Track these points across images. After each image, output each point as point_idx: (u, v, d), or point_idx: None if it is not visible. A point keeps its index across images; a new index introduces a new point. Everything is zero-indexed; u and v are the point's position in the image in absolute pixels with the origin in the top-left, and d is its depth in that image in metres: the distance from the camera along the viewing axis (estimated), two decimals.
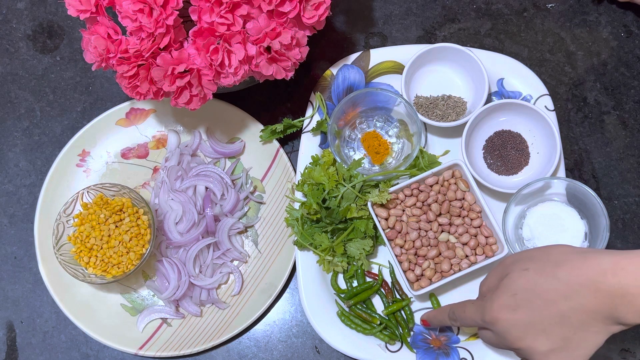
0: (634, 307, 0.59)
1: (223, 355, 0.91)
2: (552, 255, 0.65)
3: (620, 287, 0.59)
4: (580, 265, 0.62)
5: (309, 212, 0.85)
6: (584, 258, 0.62)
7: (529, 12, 1.01)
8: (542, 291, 0.63)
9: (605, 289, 0.60)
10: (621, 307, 0.59)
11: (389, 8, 1.02)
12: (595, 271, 0.61)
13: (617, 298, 0.59)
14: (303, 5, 0.78)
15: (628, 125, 0.96)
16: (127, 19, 0.76)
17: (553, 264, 0.64)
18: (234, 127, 0.95)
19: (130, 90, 0.79)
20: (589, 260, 0.62)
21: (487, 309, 0.66)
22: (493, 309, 0.66)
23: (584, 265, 0.62)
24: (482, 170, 0.91)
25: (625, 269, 0.59)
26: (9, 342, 0.92)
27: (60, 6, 1.04)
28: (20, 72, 1.02)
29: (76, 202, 0.90)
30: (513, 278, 0.66)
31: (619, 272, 0.59)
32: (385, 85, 0.95)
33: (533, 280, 0.64)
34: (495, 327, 0.66)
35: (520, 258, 0.68)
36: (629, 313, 0.59)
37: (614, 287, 0.59)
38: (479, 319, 0.69)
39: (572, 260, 0.63)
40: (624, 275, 0.59)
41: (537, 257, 0.67)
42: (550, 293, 0.63)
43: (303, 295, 0.87)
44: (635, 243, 0.92)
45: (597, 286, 0.60)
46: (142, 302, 0.92)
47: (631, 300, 0.59)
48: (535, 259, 0.66)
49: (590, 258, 0.62)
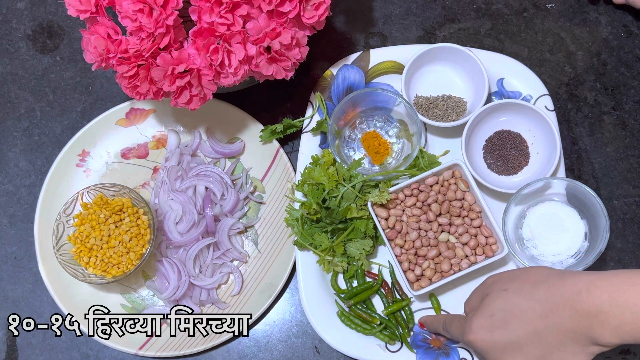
0: (609, 326, 0.59)
1: (223, 355, 0.91)
2: (531, 276, 0.67)
3: (595, 306, 0.59)
4: (557, 285, 0.63)
5: (309, 212, 0.85)
6: (562, 278, 0.64)
7: (529, 12, 1.01)
8: (519, 311, 0.64)
9: (580, 308, 0.60)
10: (596, 326, 0.60)
11: (389, 8, 1.02)
12: (571, 291, 0.61)
13: (592, 317, 0.60)
14: (303, 5, 0.78)
15: (628, 125, 0.96)
16: (127, 19, 0.76)
17: (531, 285, 0.65)
18: (234, 127, 0.95)
19: (130, 90, 0.79)
20: (566, 280, 0.63)
21: (466, 330, 0.68)
22: (472, 329, 0.67)
23: (560, 285, 0.63)
24: (482, 170, 0.91)
25: (599, 287, 0.60)
26: (9, 342, 0.92)
27: (60, 6, 1.04)
28: (20, 72, 1.02)
29: (76, 202, 0.90)
30: (492, 298, 0.67)
31: (594, 291, 0.60)
32: (385, 85, 0.95)
33: (510, 300, 0.65)
34: (473, 348, 0.68)
35: (500, 278, 0.70)
36: (605, 332, 0.59)
37: (589, 306, 0.60)
38: (460, 337, 0.71)
39: (549, 281, 0.64)
40: (599, 295, 0.59)
41: (515, 278, 0.68)
42: (527, 313, 0.64)
43: (303, 295, 0.87)
44: (635, 243, 0.92)
45: (573, 305, 0.61)
46: (142, 302, 0.92)
47: (605, 319, 0.59)
48: (514, 279, 0.68)
49: (567, 278, 0.63)
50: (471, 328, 0.67)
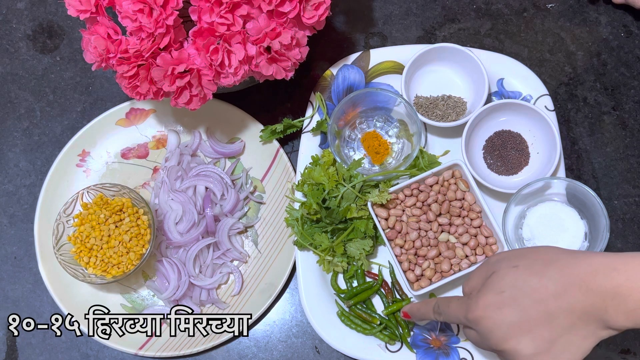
0: (625, 309, 0.57)
1: (223, 355, 0.91)
2: (542, 254, 0.63)
3: (612, 287, 0.58)
4: (571, 265, 0.60)
5: (309, 212, 0.85)
6: (575, 257, 0.61)
7: (529, 12, 1.01)
8: (531, 289, 0.60)
9: (596, 289, 0.58)
10: (611, 309, 0.58)
11: (389, 8, 1.02)
12: (587, 271, 0.59)
13: (608, 299, 0.58)
14: (303, 5, 0.78)
15: (628, 125, 0.96)
16: (127, 19, 0.76)
17: (543, 263, 0.62)
18: (234, 127, 0.95)
19: (130, 90, 0.79)
20: (580, 259, 0.60)
21: (471, 307, 0.63)
22: (478, 306, 0.62)
23: (575, 264, 0.60)
24: (482, 170, 0.91)
25: (617, 269, 0.58)
26: (9, 342, 0.92)
27: (60, 6, 1.04)
28: (20, 72, 1.02)
29: (76, 202, 0.90)
30: (500, 275, 0.63)
31: (611, 273, 0.58)
32: (385, 85, 0.95)
33: (522, 277, 0.61)
34: (478, 327, 0.63)
35: (507, 256, 0.66)
36: (619, 315, 0.58)
37: (605, 287, 0.58)
38: (462, 317, 0.65)
39: (563, 260, 0.61)
40: (616, 276, 0.58)
41: (525, 255, 0.64)
42: (540, 291, 0.60)
43: (303, 295, 0.87)
44: (635, 243, 0.92)
45: (588, 285, 0.58)
46: (142, 302, 0.92)
47: (622, 301, 0.57)
48: (525, 256, 0.64)
49: (581, 258, 0.61)
50: (477, 304, 0.62)
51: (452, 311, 0.67)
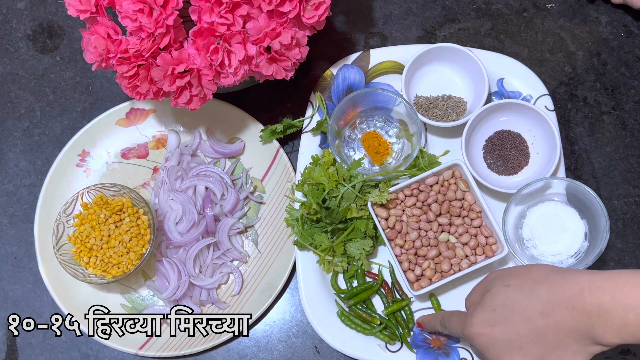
0: (611, 326, 0.59)
1: (223, 355, 0.91)
2: (532, 274, 0.66)
3: (597, 305, 0.59)
4: (559, 284, 0.63)
5: (309, 212, 0.85)
6: (563, 277, 0.63)
7: (529, 12, 1.01)
8: (520, 308, 0.64)
9: (581, 307, 0.60)
10: (598, 326, 0.59)
11: (389, 8, 1.02)
12: (574, 289, 0.61)
13: (594, 316, 0.59)
14: (303, 5, 0.78)
15: (628, 125, 0.96)
16: (127, 19, 0.76)
17: (533, 282, 0.65)
18: (234, 127, 0.95)
19: (130, 90, 0.79)
20: (567, 278, 0.63)
21: (467, 324, 0.67)
22: (472, 324, 0.66)
23: (562, 283, 0.62)
24: (482, 170, 0.91)
25: (602, 287, 0.59)
26: (9, 342, 0.92)
27: (60, 6, 1.04)
28: (20, 72, 1.02)
29: (76, 202, 0.90)
30: (493, 293, 0.67)
31: (596, 291, 0.60)
32: (385, 85, 0.95)
33: (512, 296, 0.65)
34: (473, 343, 0.67)
35: (502, 274, 0.69)
36: (606, 332, 0.59)
37: (591, 305, 0.59)
38: (460, 332, 0.70)
39: (551, 279, 0.64)
40: (601, 295, 0.59)
41: (517, 274, 0.67)
42: (528, 310, 0.63)
43: (303, 295, 0.87)
44: (635, 243, 0.92)
45: (574, 304, 0.60)
46: (142, 302, 0.92)
47: (608, 318, 0.59)
48: (516, 275, 0.67)
49: (568, 277, 0.63)
50: (472, 322, 0.67)
51: (452, 325, 0.73)
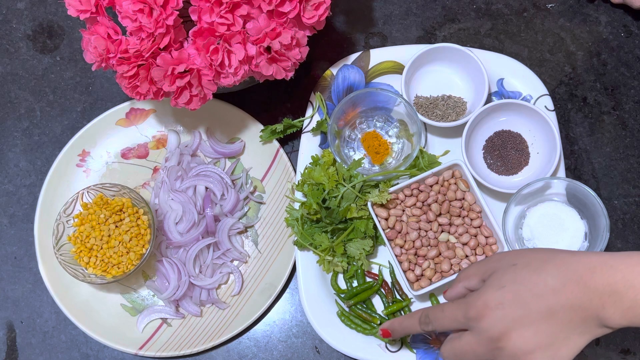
0: (621, 306, 0.58)
1: (223, 355, 0.91)
2: (540, 254, 0.64)
3: (609, 284, 0.58)
4: (569, 262, 0.61)
5: (309, 212, 0.85)
6: (573, 255, 0.62)
7: (529, 12, 1.01)
8: (530, 284, 0.61)
9: (593, 286, 0.59)
10: (608, 306, 0.58)
11: (389, 8, 1.02)
12: (584, 268, 0.60)
13: (605, 296, 0.58)
14: (303, 5, 0.78)
15: (628, 125, 0.96)
16: (127, 19, 0.76)
17: (542, 260, 0.63)
18: (234, 127, 0.95)
19: (130, 90, 0.79)
20: (578, 257, 0.61)
21: (471, 304, 0.63)
22: (478, 303, 0.63)
23: (572, 261, 0.61)
24: (482, 170, 0.91)
25: (614, 267, 0.59)
26: (9, 342, 0.92)
27: (60, 6, 1.04)
28: (20, 72, 1.02)
29: (76, 202, 0.90)
30: (500, 273, 0.64)
31: (608, 270, 0.59)
32: (385, 85, 0.95)
33: (521, 274, 0.62)
34: (479, 323, 0.62)
35: (506, 256, 0.67)
36: (616, 312, 0.58)
37: (602, 284, 0.58)
38: (461, 317, 0.64)
39: (561, 257, 0.62)
40: (613, 273, 0.58)
41: (524, 255, 0.65)
42: (539, 286, 0.61)
43: (303, 295, 0.87)
44: (635, 243, 0.92)
45: (586, 282, 0.59)
46: (142, 302, 0.92)
47: (618, 298, 0.58)
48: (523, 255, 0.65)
49: (578, 256, 0.62)
50: (477, 302, 0.63)
51: (447, 314, 0.66)
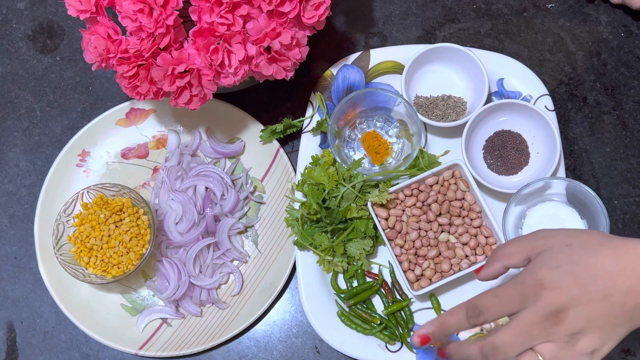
0: None
1: (223, 355, 0.91)
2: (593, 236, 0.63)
3: None
4: (625, 247, 0.61)
5: (309, 212, 0.85)
6: (627, 241, 0.61)
7: (529, 12, 1.01)
8: (587, 265, 0.61)
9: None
10: None
11: (389, 8, 1.02)
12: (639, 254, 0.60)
13: None
14: (303, 5, 0.78)
15: (628, 125, 0.96)
16: (127, 19, 0.76)
17: (597, 243, 0.62)
18: (234, 127, 0.95)
19: (130, 90, 0.79)
20: (633, 243, 0.61)
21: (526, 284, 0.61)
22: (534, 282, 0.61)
23: (627, 246, 0.61)
24: (482, 170, 0.91)
25: None
26: (9, 342, 0.92)
27: (60, 6, 1.04)
28: (20, 72, 1.02)
29: (76, 202, 0.90)
30: (554, 252, 0.62)
31: None
32: (385, 85, 0.95)
33: (577, 254, 0.61)
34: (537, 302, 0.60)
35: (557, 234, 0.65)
36: None
37: None
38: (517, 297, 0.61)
39: (615, 242, 0.62)
40: None
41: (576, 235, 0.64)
42: (597, 267, 0.60)
43: (303, 295, 0.87)
44: None
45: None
46: (142, 302, 0.92)
47: None
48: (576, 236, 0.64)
49: (632, 242, 0.61)
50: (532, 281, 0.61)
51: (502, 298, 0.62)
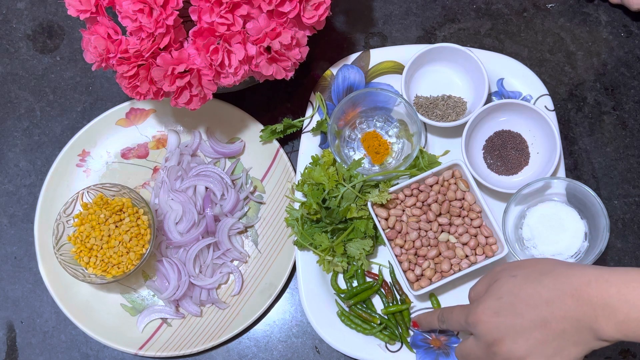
0: (614, 320, 0.60)
1: (223, 355, 0.91)
2: (539, 266, 0.68)
3: (603, 297, 0.60)
4: (566, 275, 0.64)
5: (309, 212, 0.85)
6: (570, 269, 0.64)
7: (529, 12, 1.01)
8: (526, 296, 0.65)
9: (587, 298, 0.61)
10: (601, 319, 0.60)
11: (389, 8, 1.02)
12: (580, 281, 0.62)
13: (599, 309, 0.60)
14: (303, 5, 0.78)
15: (628, 125, 0.96)
16: (127, 19, 0.76)
17: (540, 272, 0.66)
18: (234, 127, 0.95)
19: (130, 90, 0.79)
20: (574, 270, 0.64)
21: (471, 311, 0.69)
22: (477, 311, 0.68)
23: (569, 274, 0.64)
24: (482, 170, 0.91)
25: (609, 281, 0.61)
26: (9, 342, 0.92)
27: (60, 6, 1.04)
28: (20, 72, 1.02)
29: (76, 202, 0.90)
30: (501, 283, 0.68)
31: (603, 284, 0.61)
32: (385, 85, 0.95)
33: (518, 285, 0.66)
34: (476, 329, 0.68)
35: (509, 267, 0.71)
36: (609, 325, 0.60)
37: (597, 297, 0.60)
38: (463, 321, 0.71)
39: (558, 270, 0.65)
40: (607, 287, 0.60)
41: (525, 266, 0.69)
42: (534, 298, 0.64)
43: (303, 295, 0.87)
44: (635, 243, 0.92)
45: (580, 295, 0.61)
46: (142, 302, 0.92)
47: (612, 312, 0.60)
48: (524, 267, 0.69)
49: (576, 269, 0.64)
50: (477, 309, 0.68)
51: (454, 317, 0.73)
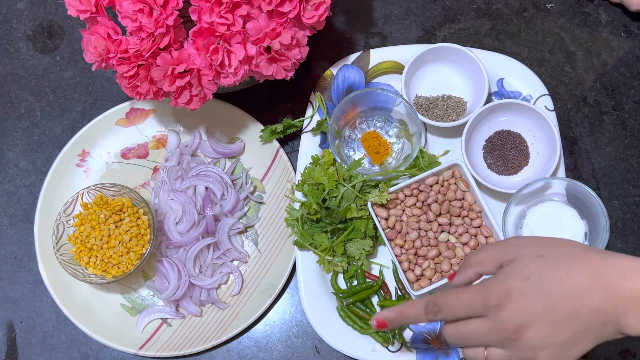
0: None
1: (223, 355, 0.91)
2: (568, 248, 0.62)
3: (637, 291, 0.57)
4: (600, 263, 0.59)
5: (309, 212, 0.85)
6: (604, 256, 0.60)
7: (529, 12, 1.01)
8: (557, 280, 0.59)
9: (621, 292, 0.57)
10: (632, 314, 0.57)
11: (389, 8, 1.02)
12: (615, 272, 0.58)
13: (631, 303, 0.57)
14: (303, 5, 0.78)
15: (628, 125, 0.96)
16: (127, 19, 0.76)
17: (570, 256, 0.60)
18: (234, 127, 0.95)
19: (130, 90, 0.79)
20: (609, 259, 0.59)
21: (492, 292, 0.59)
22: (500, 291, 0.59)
23: (603, 263, 0.59)
24: (482, 170, 0.91)
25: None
26: (9, 342, 0.92)
27: (60, 6, 1.04)
28: (20, 72, 1.02)
29: (76, 202, 0.90)
30: (525, 262, 0.60)
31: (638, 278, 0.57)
32: (385, 85, 0.95)
33: (549, 267, 0.59)
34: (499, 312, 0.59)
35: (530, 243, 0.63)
36: (638, 321, 0.57)
37: (631, 291, 0.57)
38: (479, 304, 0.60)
39: (591, 256, 0.60)
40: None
41: (552, 245, 0.62)
42: (566, 284, 0.58)
43: (303, 295, 0.87)
44: (635, 243, 0.92)
45: (615, 288, 0.58)
46: (142, 302, 0.92)
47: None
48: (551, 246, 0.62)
49: (609, 258, 0.60)
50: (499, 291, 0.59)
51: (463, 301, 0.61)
